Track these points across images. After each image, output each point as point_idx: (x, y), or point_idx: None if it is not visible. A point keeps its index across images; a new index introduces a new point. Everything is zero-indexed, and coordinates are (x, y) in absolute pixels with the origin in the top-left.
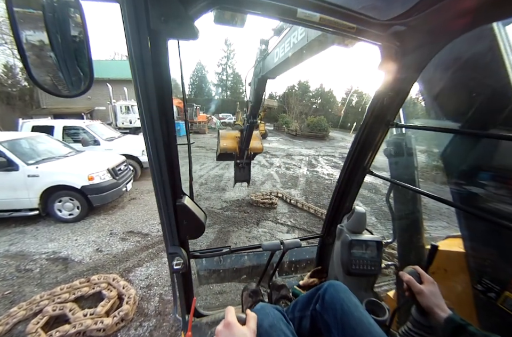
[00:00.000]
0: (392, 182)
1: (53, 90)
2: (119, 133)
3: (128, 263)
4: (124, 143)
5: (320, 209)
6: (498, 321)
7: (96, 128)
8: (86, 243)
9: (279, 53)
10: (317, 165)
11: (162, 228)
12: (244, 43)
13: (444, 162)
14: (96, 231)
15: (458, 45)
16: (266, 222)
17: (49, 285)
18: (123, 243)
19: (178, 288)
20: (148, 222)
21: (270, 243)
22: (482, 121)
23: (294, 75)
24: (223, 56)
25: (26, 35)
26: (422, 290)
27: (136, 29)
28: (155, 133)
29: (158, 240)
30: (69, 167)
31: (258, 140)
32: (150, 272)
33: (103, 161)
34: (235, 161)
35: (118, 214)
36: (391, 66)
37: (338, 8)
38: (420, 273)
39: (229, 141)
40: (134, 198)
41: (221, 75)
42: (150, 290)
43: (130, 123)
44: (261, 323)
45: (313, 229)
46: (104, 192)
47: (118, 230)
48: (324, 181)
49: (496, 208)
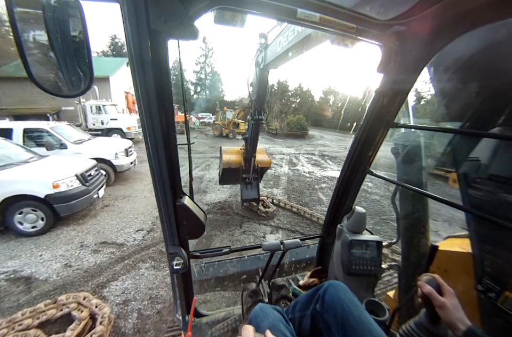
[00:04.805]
0: (392, 182)
1: (53, 90)
2: (89, 135)
3: (102, 277)
4: (94, 146)
5: (302, 207)
6: (499, 321)
7: (62, 130)
8: (53, 259)
9: (282, 42)
10: (298, 163)
11: (162, 228)
12: (232, 41)
13: (453, 164)
14: (64, 244)
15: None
16: (249, 224)
17: (9, 310)
18: (95, 256)
19: (178, 288)
20: (123, 231)
21: (270, 243)
22: (484, 121)
23: (273, 75)
24: (201, 55)
25: (26, 35)
26: (445, 304)
27: (136, 29)
28: (155, 133)
29: (135, 249)
30: (30, 174)
31: (265, 154)
32: (127, 286)
33: (71, 166)
34: (241, 177)
35: (90, 224)
36: (391, 66)
37: (338, 8)
38: (439, 283)
39: (232, 155)
40: (107, 205)
41: (199, 74)
42: (127, 306)
43: (102, 125)
44: (260, 324)
45: (297, 228)
46: (72, 201)
47: (89, 241)
48: (305, 179)
49: (500, 208)
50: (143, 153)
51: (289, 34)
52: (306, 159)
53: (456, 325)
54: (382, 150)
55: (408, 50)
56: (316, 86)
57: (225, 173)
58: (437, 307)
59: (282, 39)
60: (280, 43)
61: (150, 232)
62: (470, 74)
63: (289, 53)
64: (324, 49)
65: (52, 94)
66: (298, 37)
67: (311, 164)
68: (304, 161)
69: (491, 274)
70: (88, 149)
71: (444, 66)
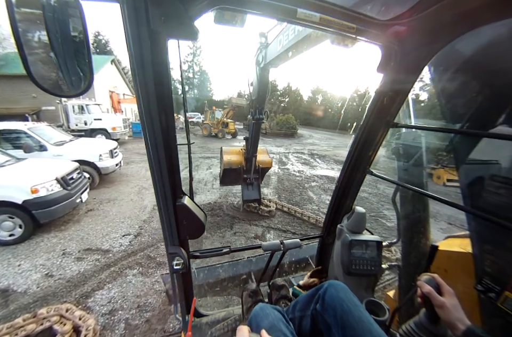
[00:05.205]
0: (392, 182)
1: (53, 90)
2: (71, 136)
3: (86, 286)
4: (77, 148)
5: (293, 206)
6: (499, 321)
7: (42, 131)
8: (33, 268)
9: (282, 41)
10: (287, 163)
11: (162, 228)
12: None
13: (456, 165)
14: (45, 252)
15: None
16: (240, 224)
17: None
18: (79, 264)
19: (178, 288)
20: (109, 236)
21: (270, 243)
22: (484, 121)
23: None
24: (189, 53)
25: (26, 35)
26: (444, 303)
27: (136, 29)
28: (155, 133)
29: (121, 256)
30: (5, 178)
31: (266, 154)
32: (113, 295)
33: (51, 169)
34: (242, 177)
35: (73, 230)
36: (391, 66)
37: (338, 8)
38: (439, 283)
39: (233, 155)
40: (91, 209)
41: (187, 72)
42: (114, 316)
43: (85, 125)
44: (260, 324)
45: (288, 227)
46: (53, 206)
47: (72, 248)
48: (295, 178)
49: (502, 208)
50: (129, 154)
51: (290, 33)
52: (296, 158)
53: (455, 325)
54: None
55: (408, 50)
56: (304, 85)
57: (226, 173)
58: (437, 307)
59: (283, 38)
60: (280, 42)
61: (137, 236)
62: (470, 74)
63: (289, 52)
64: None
65: (52, 94)
66: (299, 36)
67: (301, 163)
68: (293, 160)
69: (491, 274)
70: (70, 150)
71: (444, 66)
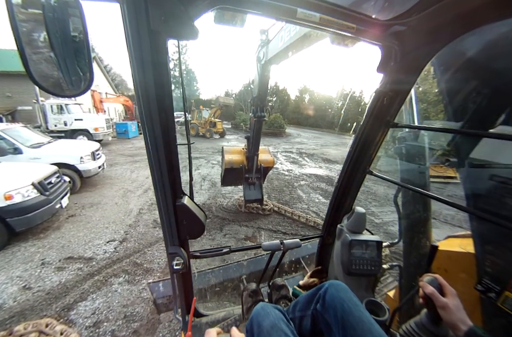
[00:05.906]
0: (393, 182)
1: (53, 89)
2: (49, 137)
3: (68, 298)
4: (56, 150)
5: (283, 206)
6: (499, 321)
7: (16, 133)
8: (8, 281)
9: (283, 37)
10: (276, 162)
11: (162, 228)
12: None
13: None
14: (22, 262)
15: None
16: (230, 226)
17: None
18: (60, 274)
19: (178, 288)
20: (92, 243)
21: (270, 243)
22: (484, 120)
23: (248, 73)
24: (174, 51)
25: (26, 35)
26: (447, 304)
27: (136, 29)
28: (155, 133)
29: (106, 263)
30: None
31: (268, 153)
32: (98, 306)
33: (26, 174)
34: (244, 177)
35: (52, 237)
36: (391, 66)
37: (338, 8)
38: (441, 284)
39: (234, 155)
40: (72, 214)
41: (173, 71)
42: (99, 329)
43: (65, 126)
44: (261, 323)
45: (279, 227)
46: (29, 213)
47: (52, 257)
48: (284, 177)
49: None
50: (113, 156)
51: (291, 30)
52: (284, 157)
53: (457, 325)
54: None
55: (408, 50)
56: (291, 85)
57: (228, 173)
58: (439, 308)
59: (284, 34)
60: (282, 38)
61: (123, 242)
62: (470, 74)
63: (289, 52)
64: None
65: (52, 94)
66: (300, 33)
67: (290, 162)
68: (282, 159)
69: (491, 274)
70: (48, 153)
71: (444, 66)
